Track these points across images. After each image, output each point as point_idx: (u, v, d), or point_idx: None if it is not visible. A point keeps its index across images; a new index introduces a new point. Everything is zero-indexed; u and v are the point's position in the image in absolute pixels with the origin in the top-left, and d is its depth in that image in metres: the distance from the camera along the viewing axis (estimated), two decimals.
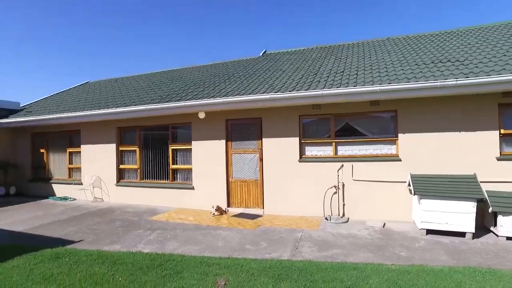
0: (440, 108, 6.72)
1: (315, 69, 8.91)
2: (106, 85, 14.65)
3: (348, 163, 7.39)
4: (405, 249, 5.16)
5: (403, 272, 4.10)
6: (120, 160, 10.67)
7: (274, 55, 12.50)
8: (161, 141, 10.04)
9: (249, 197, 8.57)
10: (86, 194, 10.83)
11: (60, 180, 11.78)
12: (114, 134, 10.60)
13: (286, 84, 7.90)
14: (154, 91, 10.94)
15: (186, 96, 9.17)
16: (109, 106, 10.12)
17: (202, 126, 9.09)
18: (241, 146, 8.70)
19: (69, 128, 11.38)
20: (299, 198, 7.83)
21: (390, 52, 9.28)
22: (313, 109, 7.73)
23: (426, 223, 5.90)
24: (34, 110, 12.50)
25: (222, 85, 9.37)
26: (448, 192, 5.77)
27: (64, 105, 12.16)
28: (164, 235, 6.40)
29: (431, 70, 6.79)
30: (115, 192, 10.51)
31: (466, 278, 3.88)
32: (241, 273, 4.17)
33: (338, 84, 7.06)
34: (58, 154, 12.02)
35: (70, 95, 14.13)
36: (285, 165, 8.01)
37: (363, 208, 7.25)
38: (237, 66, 11.97)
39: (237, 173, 8.74)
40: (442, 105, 6.71)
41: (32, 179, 12.39)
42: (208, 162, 9.00)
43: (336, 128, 7.70)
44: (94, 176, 10.85)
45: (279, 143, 8.09)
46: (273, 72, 9.62)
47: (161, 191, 9.74)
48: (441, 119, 6.72)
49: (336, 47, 11.67)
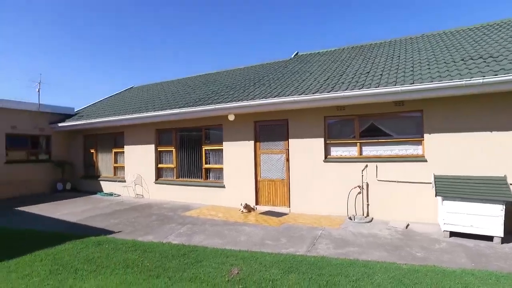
0: (468, 107, 6.53)
1: (342, 70, 8.99)
2: (148, 90, 15.74)
3: (373, 164, 7.41)
4: (423, 250, 5.16)
5: (412, 271, 4.17)
6: (158, 159, 11.49)
7: (305, 57, 12.65)
8: (195, 141, 10.67)
9: (276, 196, 8.87)
10: (128, 190, 11.82)
11: (106, 178, 12.93)
12: (153, 135, 11.45)
13: (310, 87, 8.09)
14: (189, 95, 11.64)
15: (217, 99, 9.70)
16: (148, 110, 10.96)
17: (232, 127, 9.55)
18: (268, 147, 9.03)
19: (114, 130, 12.47)
20: (323, 198, 7.97)
21: (421, 50, 9.07)
22: (337, 110, 7.84)
23: (449, 225, 5.81)
24: (86, 114, 13.84)
25: (251, 88, 9.76)
26: (473, 194, 5.63)
27: (110, 109, 13.33)
28: (193, 229, 6.91)
29: (459, 68, 6.61)
30: (154, 189, 11.35)
31: (476, 280, 3.88)
32: (255, 264, 4.50)
33: (361, 85, 7.12)
34: (105, 154, 13.20)
35: (116, 100, 15.40)
36: (310, 165, 8.20)
37: (388, 208, 7.23)
38: (268, 69, 12.32)
39: (265, 172, 9.08)
40: (470, 104, 6.50)
41: (83, 176, 13.73)
42: (238, 162, 9.44)
43: (361, 129, 7.74)
44: (136, 174, 11.80)
45: (305, 143, 8.30)
46: (300, 74, 9.83)
47: (195, 189, 10.36)
48: (470, 118, 6.52)
49: (367, 46, 11.56)
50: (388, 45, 10.94)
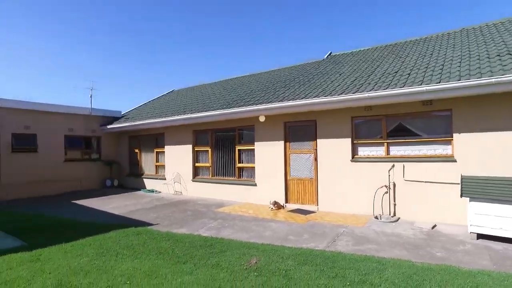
0: (502, 106, 6.30)
1: (371, 70, 8.98)
2: (187, 93, 16.65)
3: (400, 163, 7.38)
4: (444, 251, 5.16)
5: (425, 269, 4.25)
6: (195, 159, 12.21)
7: (338, 57, 12.68)
8: (229, 141, 11.20)
9: (305, 194, 9.10)
10: (168, 188, 12.69)
11: (149, 176, 13.96)
12: (191, 136, 12.19)
13: (337, 88, 8.23)
14: (224, 97, 12.22)
15: (249, 101, 10.14)
16: (186, 112, 11.70)
17: (263, 128, 9.93)
18: (297, 147, 9.28)
19: (155, 131, 13.44)
20: (350, 197, 8.08)
21: (456, 46, 8.78)
22: (364, 110, 7.90)
23: (476, 226, 5.69)
24: (131, 116, 15.02)
25: (282, 90, 10.07)
26: (503, 195, 5.48)
27: (152, 112, 14.35)
28: (223, 224, 7.40)
29: (492, 65, 6.40)
30: (191, 186, 12.08)
31: (490, 281, 3.88)
32: (273, 256, 4.84)
33: (386, 85, 7.15)
34: (148, 153, 14.24)
35: (158, 103, 16.49)
36: (338, 164, 8.33)
37: (415, 208, 7.17)
38: (300, 70, 12.53)
39: (294, 171, 9.35)
40: (504, 102, 6.27)
41: (128, 174, 14.92)
42: (269, 161, 9.80)
43: (389, 129, 7.73)
44: (175, 173, 12.62)
45: (333, 143, 8.44)
46: (330, 75, 9.95)
47: (228, 187, 10.90)
48: (503, 117, 6.30)
49: (401, 44, 11.32)
50: (423, 42, 10.65)
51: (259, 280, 3.95)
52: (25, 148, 12.62)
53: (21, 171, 12.31)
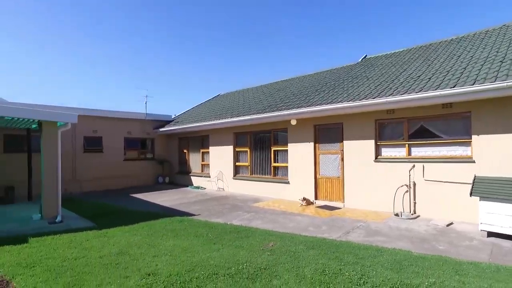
0: None
1: (396, 74, 9.34)
2: (229, 97, 17.93)
3: (420, 164, 7.75)
4: (448, 245, 5.59)
5: (418, 257, 4.81)
6: (236, 158, 13.35)
7: (372, 60, 12.99)
8: (266, 143, 12.16)
9: (332, 192, 9.73)
10: (212, 184, 14.00)
11: (195, 173, 15.43)
12: (232, 137, 13.35)
13: (361, 93, 8.77)
14: (261, 102, 13.21)
15: (282, 106, 11.00)
16: (227, 116, 12.89)
17: (295, 130, 10.73)
18: (326, 148, 9.94)
19: (201, 133, 14.85)
20: (373, 195, 8.57)
21: (486, 47, 8.79)
22: (387, 113, 8.36)
23: (486, 225, 5.99)
24: (180, 120, 16.66)
25: (312, 95, 10.79)
26: (509, 196, 5.74)
27: (199, 116, 15.82)
28: (255, 216, 8.37)
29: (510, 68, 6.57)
30: (232, 183, 13.24)
31: (473, 269, 4.35)
32: (288, 241, 5.69)
33: (405, 91, 7.57)
34: (195, 153, 15.73)
35: (204, 107, 17.98)
36: (362, 164, 8.87)
37: (434, 207, 7.50)
38: (333, 74, 13.07)
39: (323, 171, 10.02)
40: None
41: (178, 172, 16.57)
42: (300, 161, 10.58)
43: (410, 131, 8.11)
44: (218, 171, 13.89)
45: (358, 145, 8.99)
46: (358, 80, 10.43)
47: (264, 184, 11.86)
48: None
49: (436, 44, 11.32)
50: (457, 42, 10.60)
51: (271, 257, 4.84)
52: (94, 149, 14.77)
53: (90, 168, 14.45)
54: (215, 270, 4.32)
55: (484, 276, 4.08)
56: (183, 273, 4.19)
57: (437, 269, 4.32)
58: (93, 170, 14.54)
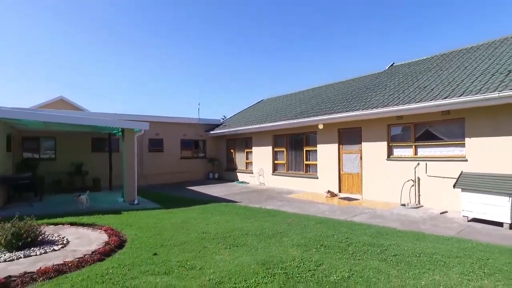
0: (503, 115, 7.66)
1: (409, 84, 10.69)
2: (270, 103, 20.00)
3: (423, 162, 9.15)
4: (431, 226, 7.09)
5: (398, 232, 6.45)
6: (274, 157, 15.38)
7: (397, 68, 14.22)
8: (299, 144, 14.03)
9: (353, 186, 11.35)
10: (254, 180, 16.19)
11: (240, 170, 17.75)
12: (271, 139, 15.41)
13: (376, 101, 10.32)
14: (295, 108, 15.10)
15: (313, 112, 12.82)
16: (267, 121, 14.98)
17: (323, 133, 12.48)
18: (348, 148, 11.58)
19: (245, 135, 17.12)
20: (385, 188, 10.08)
21: (491, 58, 9.79)
22: (397, 119, 9.83)
23: (467, 211, 7.37)
24: (228, 124, 19.12)
25: (337, 103, 12.47)
26: (486, 188, 7.07)
27: (244, 120, 18.12)
28: (286, 204, 10.33)
29: (494, 82, 7.77)
30: (271, 179, 15.29)
31: (432, 239, 5.92)
32: (304, 219, 7.60)
33: (408, 100, 9.04)
34: (240, 153, 18.06)
35: (249, 112, 20.27)
36: (377, 162, 10.40)
37: (434, 198, 8.87)
38: (359, 82, 14.55)
39: (346, 168, 11.67)
40: (506, 112, 7.62)
41: (226, 169, 19.03)
42: (327, 159, 12.31)
43: (417, 134, 9.51)
44: (259, 168, 16.03)
45: (373, 146, 10.54)
46: (377, 89, 11.90)
47: (298, 179, 13.75)
48: (503, 125, 7.65)
49: (457, 52, 12.23)
50: (473, 51, 11.51)
51: (287, 227, 6.80)
52: (156, 149, 17.76)
53: (153, 165, 17.44)
54: (246, 232, 6.40)
55: (436, 241, 5.67)
56: (224, 233, 6.34)
57: (405, 238, 5.97)
58: (156, 167, 17.50)
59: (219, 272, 4.20)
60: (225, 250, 5.19)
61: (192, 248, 5.30)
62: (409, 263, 4.52)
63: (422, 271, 4.22)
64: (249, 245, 5.45)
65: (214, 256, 4.90)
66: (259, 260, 4.63)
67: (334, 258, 4.73)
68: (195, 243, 5.61)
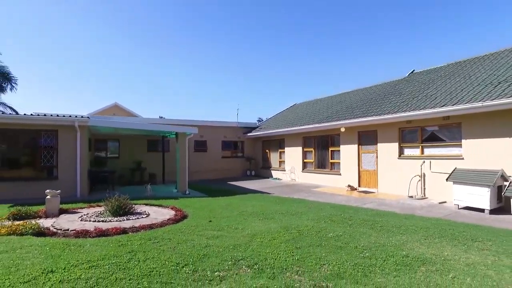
0: (495, 119, 9.09)
1: (419, 92, 12.22)
2: (301, 108, 21.95)
3: (428, 160, 10.70)
4: (425, 212, 8.74)
5: (394, 214, 8.23)
6: (304, 156, 17.34)
7: (415, 75, 15.59)
8: (325, 144, 15.89)
9: (370, 181, 13.05)
10: (286, 176, 18.26)
11: (274, 168, 19.89)
12: (301, 140, 17.40)
13: (388, 108, 11.98)
14: (322, 113, 16.96)
15: (336, 117, 14.65)
16: (297, 125, 17.01)
17: (345, 135, 14.26)
18: (366, 148, 13.29)
19: (278, 137, 19.25)
20: (397, 182, 11.71)
21: (491, 69, 11.06)
22: (407, 123, 11.43)
23: (457, 200, 8.94)
24: (263, 126, 21.36)
25: (357, 109, 14.21)
26: (471, 180, 8.61)
27: (277, 123, 20.25)
28: (310, 195, 12.30)
29: (482, 91, 9.22)
30: (301, 175, 17.27)
31: (418, 219, 7.66)
32: (322, 205, 9.57)
33: (414, 108, 10.65)
34: (274, 152, 20.20)
35: (282, 115, 22.37)
36: (390, 161, 12.05)
37: (437, 191, 10.41)
38: (380, 89, 16.11)
39: (364, 165, 13.39)
40: (496, 117, 9.05)
41: (261, 167, 21.27)
42: (348, 158, 14.08)
43: (424, 136, 11.07)
44: (291, 166, 18.07)
45: (387, 146, 12.19)
46: (394, 95, 13.48)
47: (324, 176, 15.61)
48: (489, 129, 9.09)
49: (469, 61, 13.43)
50: (483, 60, 12.70)
51: (307, 209, 8.81)
52: (200, 149, 20.40)
53: (198, 163, 20.08)
54: (275, 211, 8.51)
55: (420, 220, 7.42)
56: (259, 212, 8.50)
57: (396, 218, 7.76)
58: (200, 165, 20.14)
59: (254, 231, 6.36)
60: (258, 221, 7.35)
61: (235, 219, 7.53)
62: (388, 230, 6.40)
63: (395, 234, 6.09)
64: (276, 219, 7.57)
65: (251, 223, 7.08)
66: (282, 226, 6.74)
67: (335, 226, 6.72)
68: (237, 217, 7.83)
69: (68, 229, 6.50)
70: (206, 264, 4.32)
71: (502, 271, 4.16)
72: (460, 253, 4.93)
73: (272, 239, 5.71)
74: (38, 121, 11.33)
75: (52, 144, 11.72)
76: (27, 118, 11.31)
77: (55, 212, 8.15)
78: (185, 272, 4.04)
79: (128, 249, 4.99)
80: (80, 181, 11.86)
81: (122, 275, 3.93)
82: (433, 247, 5.21)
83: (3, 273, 3.97)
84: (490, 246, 5.28)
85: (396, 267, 4.28)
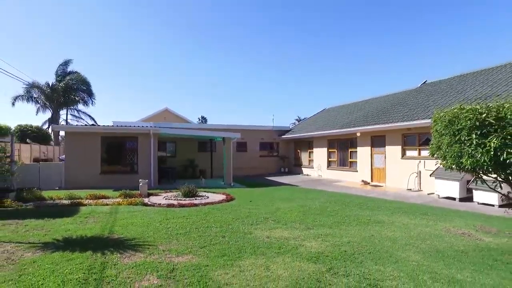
0: None
1: (420, 103, 14.77)
2: (329, 113, 24.83)
3: (423, 160, 13.35)
4: (413, 199, 11.52)
5: (387, 200, 11.16)
6: (328, 156, 20.34)
7: (426, 86, 17.94)
8: (345, 146, 18.80)
9: (380, 177, 15.83)
10: (314, 173, 21.38)
11: (304, 166, 23.05)
12: (326, 142, 20.41)
13: (392, 118, 14.72)
14: (344, 119, 19.84)
15: (353, 124, 17.53)
16: (323, 129, 20.05)
17: (361, 138, 17.11)
18: (377, 150, 16.07)
19: (308, 139, 22.40)
20: (400, 178, 14.42)
21: (495, 82, 13.37)
22: (407, 130, 14.12)
23: (438, 191, 11.64)
24: (295, 130, 24.60)
25: (371, 117, 16.99)
26: (447, 176, 11.25)
27: (308, 127, 23.39)
28: (331, 187, 15.34)
29: None
30: (326, 172, 20.30)
31: (401, 204, 10.56)
32: (335, 194, 12.67)
33: (410, 118, 13.34)
34: (304, 152, 23.36)
35: (312, 119, 25.46)
36: (395, 160, 14.78)
37: (429, 185, 13.02)
38: (393, 99, 18.63)
39: (375, 164, 16.19)
40: None
41: (294, 164, 24.53)
42: (363, 158, 16.93)
43: (421, 141, 13.70)
44: (318, 164, 21.14)
45: (393, 148, 14.92)
46: (401, 106, 16.09)
47: (344, 172, 18.56)
48: None
49: (475, 74, 15.63)
50: (486, 73, 14.90)
51: (323, 195, 11.97)
52: (241, 149, 24.07)
53: (240, 162, 23.71)
54: (297, 197, 11.76)
55: (401, 204, 10.33)
56: (284, 197, 11.80)
57: (386, 203, 10.71)
58: (241, 163, 23.76)
59: (279, 207, 9.71)
60: (283, 202, 10.67)
61: (268, 201, 10.92)
62: (372, 209, 9.45)
63: (373, 210, 9.15)
64: (296, 201, 10.85)
65: (278, 203, 10.43)
66: (299, 204, 10.04)
67: (335, 206, 9.88)
68: (269, 200, 11.22)
69: (160, 204, 10.28)
70: (249, 219, 7.78)
71: (417, 224, 7.18)
72: (406, 219, 7.94)
73: (290, 211, 9.05)
74: (128, 130, 15.63)
75: (135, 147, 15.93)
76: (122, 129, 15.65)
77: (145, 194, 12.07)
78: (237, 221, 7.53)
79: (202, 212, 8.62)
80: (153, 175, 15.94)
81: (204, 221, 7.51)
82: (391, 217, 8.25)
83: (144, 223, 7.71)
84: (432, 217, 8.20)
85: (358, 223, 7.47)
